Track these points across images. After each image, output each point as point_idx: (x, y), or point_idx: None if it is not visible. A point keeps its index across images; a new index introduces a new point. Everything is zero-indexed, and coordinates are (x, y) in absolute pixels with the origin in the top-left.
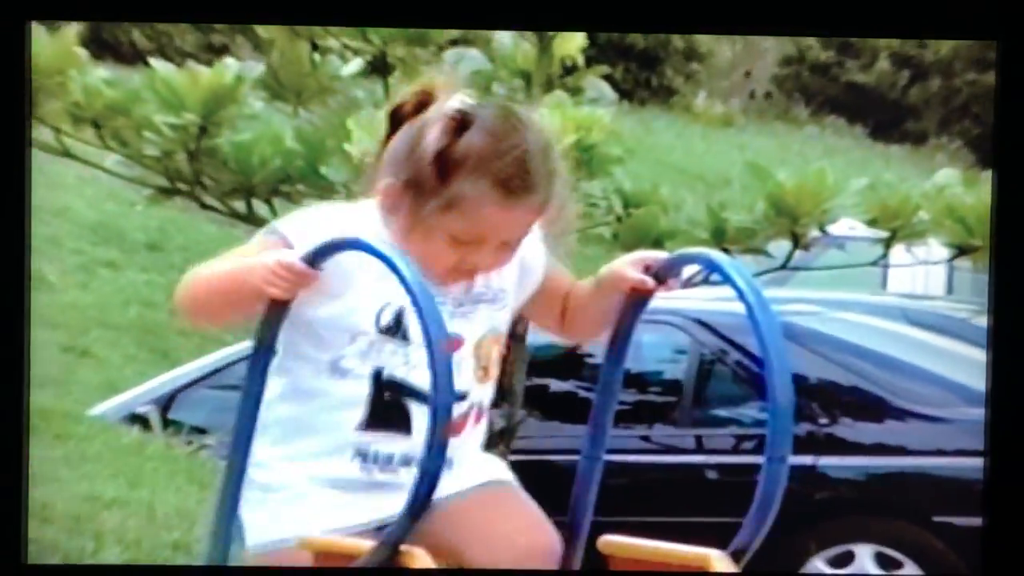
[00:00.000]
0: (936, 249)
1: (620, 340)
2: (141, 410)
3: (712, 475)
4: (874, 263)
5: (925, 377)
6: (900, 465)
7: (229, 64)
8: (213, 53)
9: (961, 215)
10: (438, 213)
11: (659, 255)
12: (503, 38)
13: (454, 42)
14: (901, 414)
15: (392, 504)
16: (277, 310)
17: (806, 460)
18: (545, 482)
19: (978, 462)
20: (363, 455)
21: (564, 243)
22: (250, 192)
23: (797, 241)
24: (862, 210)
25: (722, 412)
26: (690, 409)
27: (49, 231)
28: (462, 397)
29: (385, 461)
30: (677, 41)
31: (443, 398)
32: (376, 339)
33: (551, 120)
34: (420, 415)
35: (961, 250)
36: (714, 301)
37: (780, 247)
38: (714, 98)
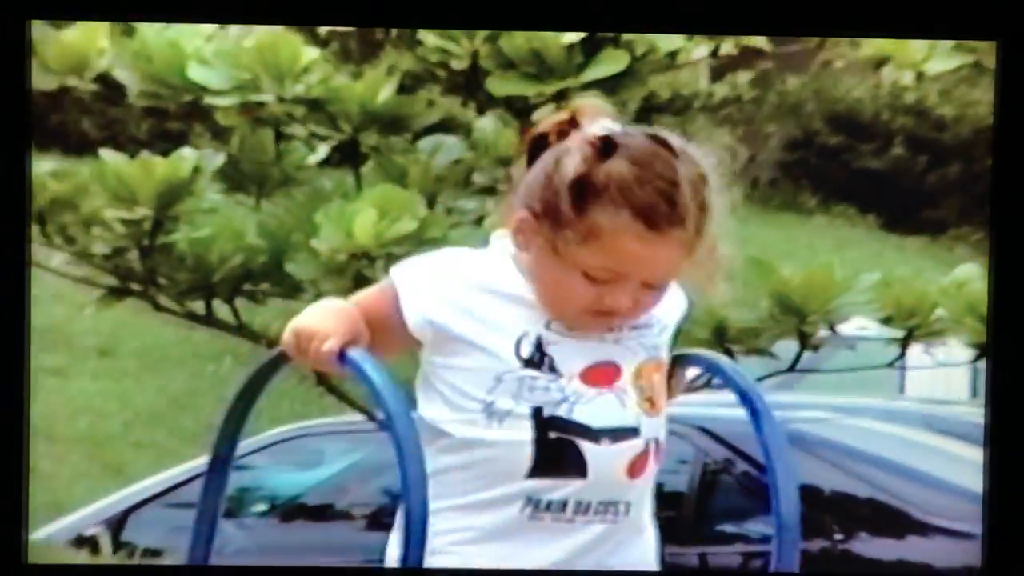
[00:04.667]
0: (957, 350)
1: None
2: (91, 531)
3: None
4: (890, 365)
5: (950, 489)
6: None
7: (186, 154)
8: (168, 142)
9: (983, 313)
10: (575, 246)
11: None
12: (485, 124)
13: (430, 129)
14: (924, 529)
15: (566, 548)
16: (235, 420)
17: None
18: None
19: None
20: (535, 504)
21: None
22: (209, 292)
23: (805, 341)
24: (875, 307)
25: (728, 527)
26: (694, 524)
27: None
28: (635, 432)
29: (559, 508)
30: (671, 124)
31: (417, 501)
32: (523, 375)
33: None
34: (594, 454)
35: (984, 351)
36: (718, 407)
37: (787, 348)
38: None
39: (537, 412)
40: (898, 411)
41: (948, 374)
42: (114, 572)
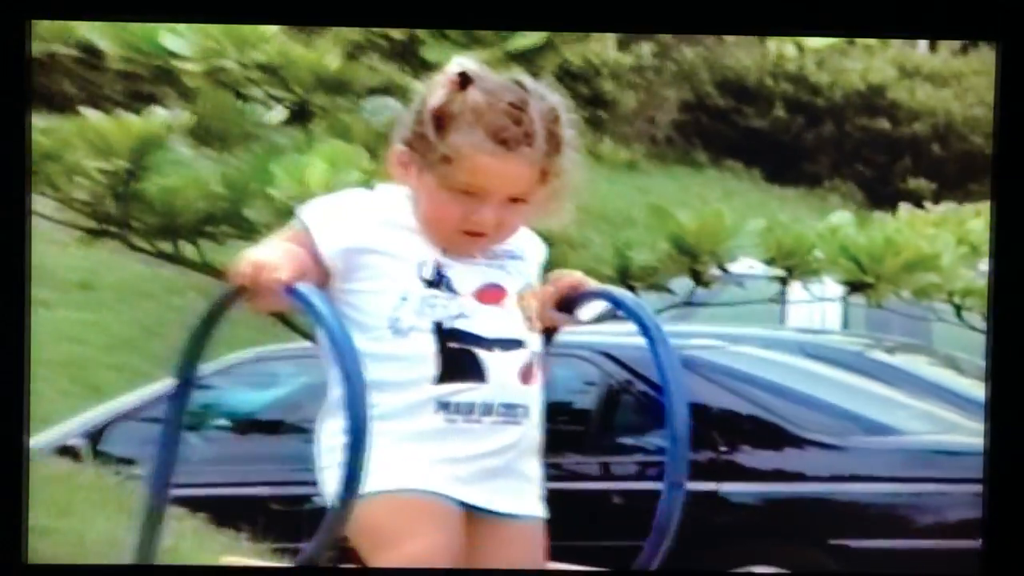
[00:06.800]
0: (831, 286)
1: None
2: (72, 442)
3: (618, 500)
4: (772, 300)
5: (822, 407)
6: (798, 491)
7: (157, 112)
8: (141, 101)
9: (854, 254)
10: (439, 166)
11: (571, 283)
12: (421, 87)
13: (373, 91)
14: (799, 442)
15: (480, 446)
16: (197, 343)
17: (708, 486)
18: None
19: (874, 487)
20: (445, 406)
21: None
22: (176, 233)
23: (698, 279)
24: (760, 249)
25: (628, 440)
26: (598, 437)
27: None
28: (521, 344)
29: (467, 410)
30: (583, 89)
31: (357, 424)
32: (425, 294)
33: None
34: (490, 361)
35: (854, 287)
36: (621, 336)
37: (682, 284)
38: (618, 143)
39: (438, 326)
40: (779, 339)
41: (823, 307)
42: (114, 572)
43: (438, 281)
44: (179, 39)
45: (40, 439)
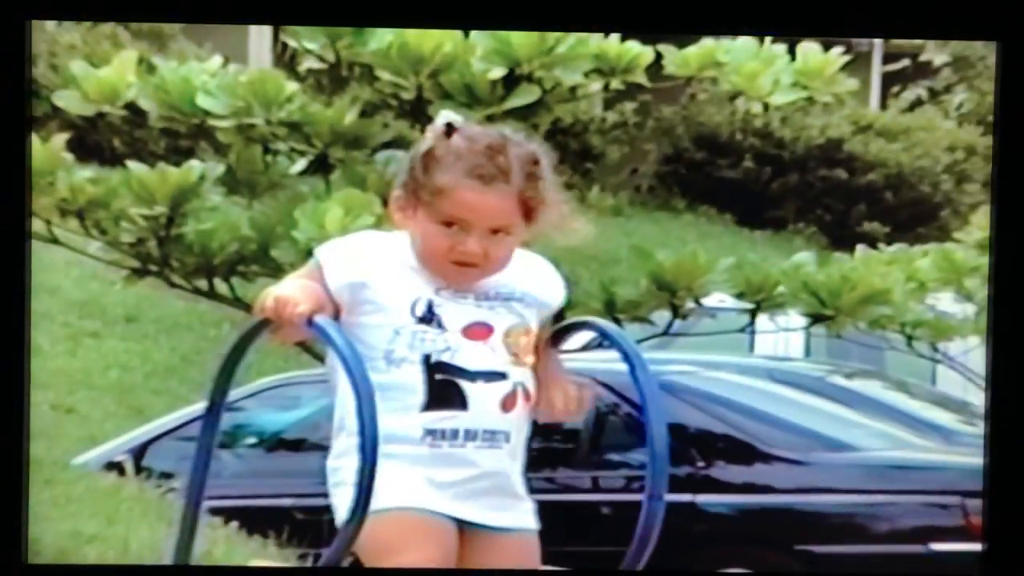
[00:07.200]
0: (795, 318)
1: None
2: (118, 459)
3: (606, 511)
4: (741, 330)
5: (787, 426)
6: (767, 502)
7: (193, 164)
8: (180, 155)
9: (815, 289)
10: (428, 201)
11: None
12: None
13: (386, 145)
14: (767, 458)
15: (466, 471)
16: (227, 371)
17: (686, 497)
18: None
19: (834, 498)
20: (431, 433)
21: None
22: (211, 272)
23: (676, 311)
24: (731, 285)
25: (614, 456)
26: (587, 454)
27: (42, 307)
28: (503, 376)
29: (452, 436)
30: (573, 144)
31: (370, 440)
32: (416, 329)
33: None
34: (473, 392)
35: (816, 318)
36: (608, 362)
37: (661, 316)
38: (605, 191)
39: (427, 359)
40: (748, 366)
41: (787, 337)
42: (114, 572)
43: (429, 318)
44: (213, 100)
45: (89, 456)
